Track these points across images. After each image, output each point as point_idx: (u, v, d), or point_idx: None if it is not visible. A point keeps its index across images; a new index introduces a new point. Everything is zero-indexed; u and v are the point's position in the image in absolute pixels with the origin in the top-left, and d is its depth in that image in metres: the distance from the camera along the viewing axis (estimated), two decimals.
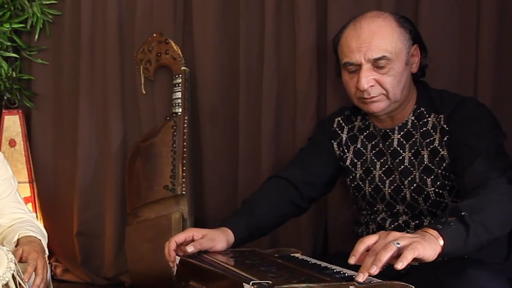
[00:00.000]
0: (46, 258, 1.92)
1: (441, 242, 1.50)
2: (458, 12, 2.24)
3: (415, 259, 1.47)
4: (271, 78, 2.43)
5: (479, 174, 1.73)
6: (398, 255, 1.45)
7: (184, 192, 2.51)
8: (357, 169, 2.05)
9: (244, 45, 2.48)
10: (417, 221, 1.94)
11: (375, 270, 1.43)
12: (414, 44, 1.93)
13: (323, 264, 1.68)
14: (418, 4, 2.24)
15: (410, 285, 1.39)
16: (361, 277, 1.44)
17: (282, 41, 2.43)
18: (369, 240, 1.51)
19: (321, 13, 2.37)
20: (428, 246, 1.47)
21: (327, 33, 2.35)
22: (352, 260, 1.50)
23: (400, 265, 1.42)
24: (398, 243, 1.46)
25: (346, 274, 1.53)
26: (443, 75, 2.21)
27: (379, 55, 1.85)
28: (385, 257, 1.44)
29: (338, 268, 1.60)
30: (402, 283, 1.39)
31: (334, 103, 2.32)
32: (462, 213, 1.56)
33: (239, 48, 2.49)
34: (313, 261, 1.74)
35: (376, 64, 1.86)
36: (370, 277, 1.46)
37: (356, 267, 1.49)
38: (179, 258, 1.78)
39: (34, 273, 1.80)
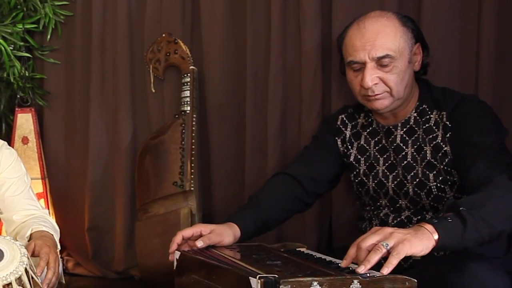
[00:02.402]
0: (58, 253, 1.92)
1: (436, 236, 1.53)
2: (459, 13, 2.26)
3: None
4: (277, 77, 2.45)
5: (483, 172, 1.75)
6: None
7: (192, 188, 2.52)
8: (361, 165, 2.07)
9: (251, 45, 2.50)
10: (419, 217, 1.96)
11: (362, 270, 1.47)
12: (416, 43, 1.95)
13: (328, 258, 1.70)
14: (421, 4, 2.26)
15: (413, 279, 1.42)
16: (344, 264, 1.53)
17: (288, 41, 2.45)
18: (358, 241, 1.55)
19: (325, 13, 2.39)
20: (418, 242, 1.50)
21: (331, 32, 2.37)
22: (343, 264, 1.55)
23: (385, 271, 1.46)
24: (387, 244, 1.50)
25: (350, 268, 1.54)
26: (445, 74, 2.23)
27: (383, 54, 1.87)
28: (374, 259, 1.48)
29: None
30: (405, 276, 1.42)
31: (338, 101, 2.35)
32: (460, 208, 1.58)
33: (246, 47, 2.51)
34: (318, 255, 1.76)
35: (380, 62, 1.88)
36: (374, 271, 1.49)
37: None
38: (179, 253, 1.80)
39: (46, 267, 1.80)
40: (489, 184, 1.70)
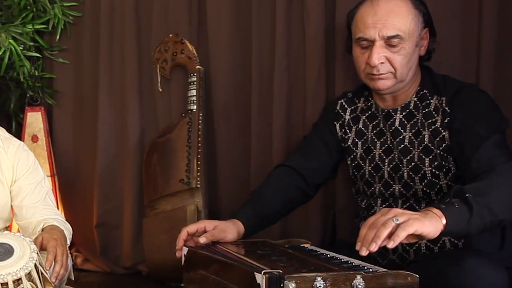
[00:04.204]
0: (67, 246, 1.90)
1: (444, 221, 1.53)
2: (459, 13, 2.27)
3: (414, 236, 1.51)
4: (282, 76, 2.46)
5: (485, 160, 1.75)
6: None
7: (198, 186, 2.54)
8: (358, 148, 2.07)
9: (256, 45, 2.52)
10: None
11: (374, 247, 1.48)
12: (425, 27, 1.95)
13: (331, 254, 1.72)
14: None
15: (415, 274, 1.44)
16: (364, 251, 1.50)
17: (292, 41, 2.47)
18: (370, 221, 1.55)
19: (329, 13, 2.41)
20: (428, 223, 1.51)
21: (335, 32, 2.38)
22: (358, 247, 1.53)
23: (391, 244, 1.47)
24: (397, 219, 1.50)
25: (353, 264, 1.58)
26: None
27: (393, 34, 1.88)
28: (383, 233, 1.48)
29: (345, 258, 1.65)
30: (407, 272, 1.45)
31: None
32: (466, 195, 1.58)
33: (251, 47, 2.53)
34: (322, 251, 1.79)
35: (389, 42, 1.88)
36: (376, 267, 1.52)
37: (361, 257, 1.55)
38: (187, 249, 1.82)
39: (54, 260, 1.78)
40: (492, 172, 1.70)
